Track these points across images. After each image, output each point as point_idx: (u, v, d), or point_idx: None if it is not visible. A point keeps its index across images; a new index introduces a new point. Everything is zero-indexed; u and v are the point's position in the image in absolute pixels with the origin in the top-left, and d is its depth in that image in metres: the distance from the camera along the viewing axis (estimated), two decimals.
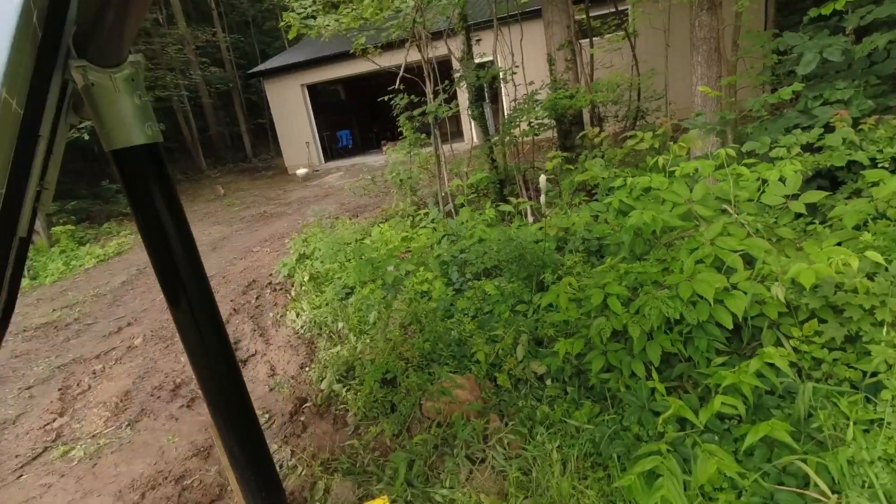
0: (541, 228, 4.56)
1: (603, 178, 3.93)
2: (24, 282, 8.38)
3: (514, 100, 7.00)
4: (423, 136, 8.13)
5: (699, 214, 2.48)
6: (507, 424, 2.46)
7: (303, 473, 2.48)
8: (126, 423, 3.34)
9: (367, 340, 3.72)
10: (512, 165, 7.16)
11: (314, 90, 17.50)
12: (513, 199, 5.55)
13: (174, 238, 1.32)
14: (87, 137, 11.05)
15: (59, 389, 4.01)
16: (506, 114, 7.26)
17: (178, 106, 19.29)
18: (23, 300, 7.39)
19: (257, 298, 5.54)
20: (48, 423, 3.51)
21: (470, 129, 16.21)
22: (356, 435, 2.80)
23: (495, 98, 11.69)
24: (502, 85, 7.63)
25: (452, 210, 6.67)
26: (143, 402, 3.59)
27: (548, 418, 2.44)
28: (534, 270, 4.02)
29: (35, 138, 1.14)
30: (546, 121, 6.77)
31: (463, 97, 9.67)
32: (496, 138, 7.40)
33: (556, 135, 7.64)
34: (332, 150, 18.92)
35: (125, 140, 1.24)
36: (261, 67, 17.06)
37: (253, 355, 4.12)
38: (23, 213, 1.19)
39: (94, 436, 3.27)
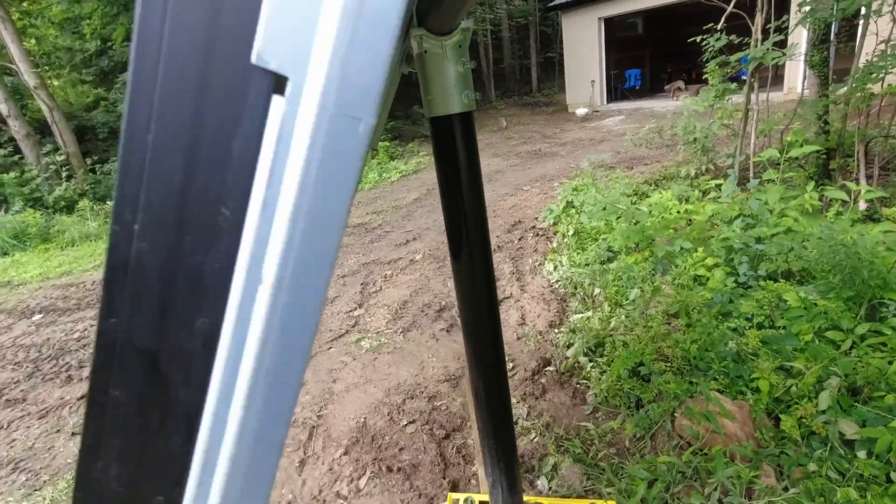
0: (887, 232, 3.36)
1: None
2: None
3: (886, 41, 5.02)
4: (733, 85, 6.71)
5: None
6: (786, 489, 1.96)
7: (535, 440, 2.52)
8: (400, 329, 3.98)
9: (623, 318, 3.45)
10: (851, 131, 5.33)
11: (611, 24, 16.34)
12: (851, 185, 4.20)
13: (468, 196, 1.39)
14: None
15: (361, 284, 5.03)
16: (861, 60, 5.27)
17: (481, 39, 20.66)
18: None
19: (520, 240, 5.74)
20: (351, 311, 4.46)
21: (794, 77, 12.90)
22: (593, 418, 2.68)
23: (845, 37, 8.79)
24: (871, 18, 5.52)
25: (751, 184, 5.47)
26: (414, 314, 4.20)
27: None
28: (866, 289, 3.00)
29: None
30: None
31: (800, 35, 7.55)
32: (839, 92, 5.52)
33: None
34: (616, 91, 17.76)
35: (444, 108, 1.27)
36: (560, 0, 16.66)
37: (508, 297, 4.33)
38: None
39: (377, 332, 4.00)
